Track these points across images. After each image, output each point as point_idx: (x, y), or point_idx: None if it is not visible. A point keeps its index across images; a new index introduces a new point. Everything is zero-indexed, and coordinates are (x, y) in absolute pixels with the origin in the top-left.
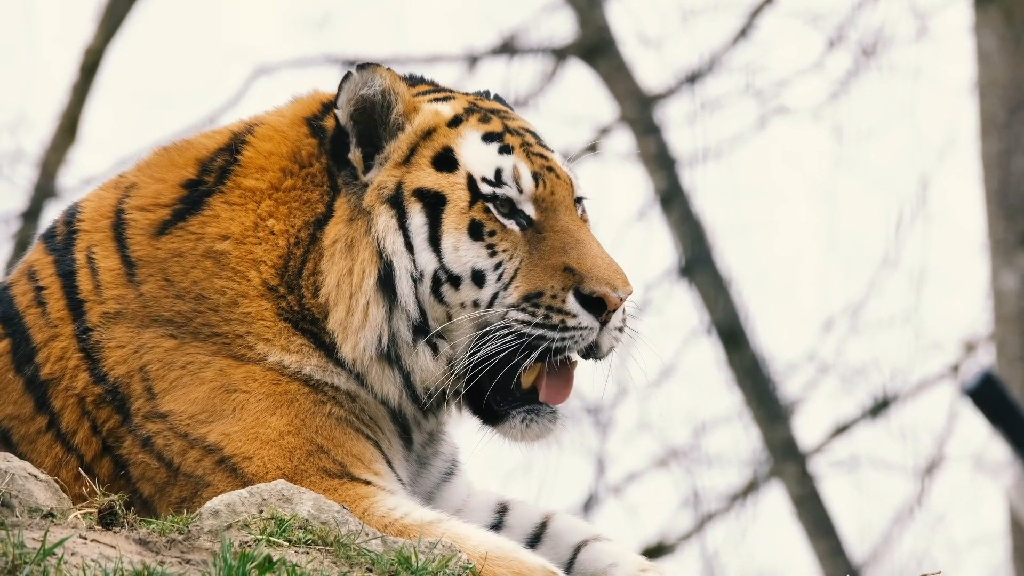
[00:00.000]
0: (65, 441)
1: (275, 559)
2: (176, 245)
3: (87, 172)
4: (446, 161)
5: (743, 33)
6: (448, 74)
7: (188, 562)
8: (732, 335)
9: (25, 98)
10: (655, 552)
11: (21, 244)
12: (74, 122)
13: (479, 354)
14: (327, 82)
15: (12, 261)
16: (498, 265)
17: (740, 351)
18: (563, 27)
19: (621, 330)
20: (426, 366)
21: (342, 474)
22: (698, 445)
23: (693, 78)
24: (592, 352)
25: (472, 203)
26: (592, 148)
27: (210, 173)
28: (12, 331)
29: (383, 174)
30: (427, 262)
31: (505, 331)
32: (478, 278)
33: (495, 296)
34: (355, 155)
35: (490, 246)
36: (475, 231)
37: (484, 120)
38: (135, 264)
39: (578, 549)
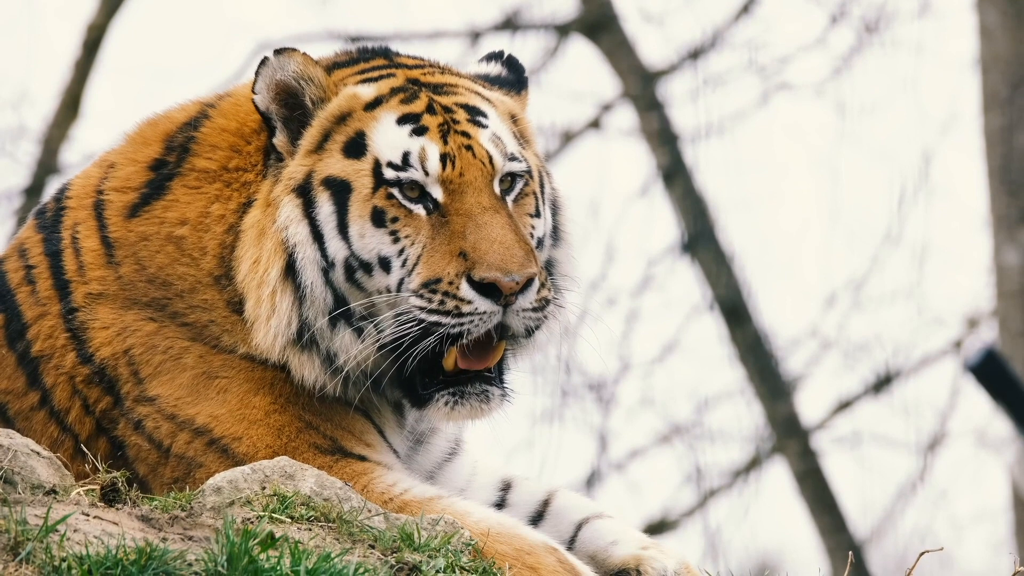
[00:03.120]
0: (59, 420)
1: (277, 536)
2: (144, 228)
3: (90, 148)
4: (356, 147)
5: (746, 9)
6: (450, 51)
7: (191, 539)
8: (734, 311)
9: (27, 74)
10: (657, 529)
11: (23, 220)
12: (77, 98)
13: (383, 340)
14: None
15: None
16: (401, 251)
17: (742, 327)
18: (565, 3)
19: (540, 309)
20: (349, 348)
21: (334, 450)
22: (700, 421)
23: (696, 54)
24: (503, 334)
25: (375, 190)
26: (594, 124)
27: (172, 152)
28: (5, 307)
29: (293, 164)
30: (337, 249)
31: (405, 317)
32: (385, 264)
33: (401, 282)
34: (279, 139)
35: (393, 232)
36: (377, 218)
37: (408, 100)
38: (113, 245)
39: (579, 526)
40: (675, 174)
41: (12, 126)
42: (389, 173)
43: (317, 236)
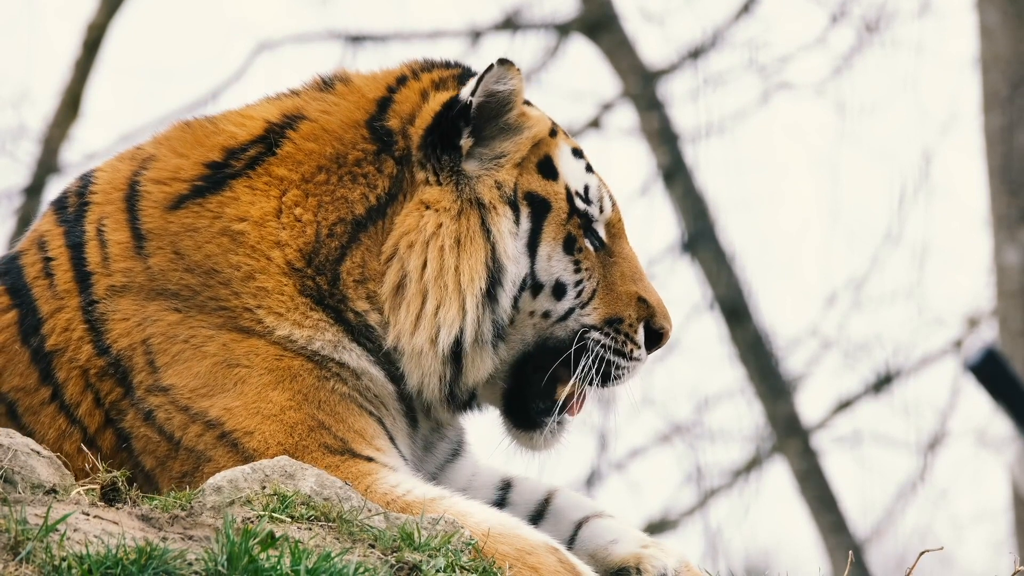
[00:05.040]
0: (69, 413)
1: (278, 535)
2: (191, 220)
3: (90, 147)
4: (549, 169)
5: (746, 8)
6: (451, 50)
7: (191, 538)
8: (735, 310)
9: (28, 73)
10: (658, 528)
11: (24, 220)
12: (77, 97)
13: (576, 371)
14: (329, 58)
15: (15, 236)
16: (579, 282)
17: (743, 326)
18: (566, 3)
19: None
20: (483, 368)
21: (343, 450)
22: (701, 421)
23: (696, 53)
24: None
25: (570, 216)
26: (595, 124)
27: (239, 160)
28: (20, 302)
29: (503, 173)
30: (522, 267)
31: (588, 351)
32: (559, 291)
33: (570, 311)
34: (467, 143)
35: (576, 262)
36: (569, 244)
37: (566, 134)
38: (145, 237)
39: (579, 525)
40: (675, 174)
41: (12, 126)
42: (579, 203)
43: (519, 251)
